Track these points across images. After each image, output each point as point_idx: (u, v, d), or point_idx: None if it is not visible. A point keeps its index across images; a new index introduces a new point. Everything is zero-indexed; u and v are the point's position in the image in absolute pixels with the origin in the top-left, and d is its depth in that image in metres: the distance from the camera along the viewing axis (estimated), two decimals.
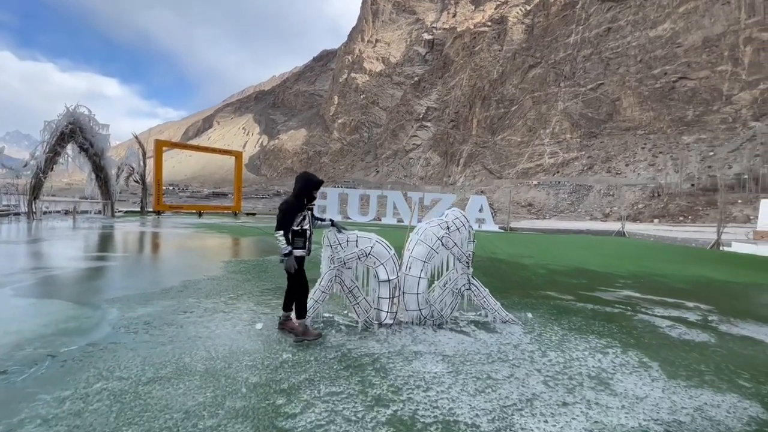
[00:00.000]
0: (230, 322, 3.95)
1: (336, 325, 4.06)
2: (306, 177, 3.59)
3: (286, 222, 3.43)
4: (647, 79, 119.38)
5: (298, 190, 3.54)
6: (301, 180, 3.57)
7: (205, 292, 5.15)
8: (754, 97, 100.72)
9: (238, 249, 10.40)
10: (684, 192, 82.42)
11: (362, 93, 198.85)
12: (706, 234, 27.69)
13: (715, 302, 6.11)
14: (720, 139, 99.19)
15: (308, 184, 3.56)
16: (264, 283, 5.90)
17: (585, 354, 3.56)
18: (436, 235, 4.15)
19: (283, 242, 3.38)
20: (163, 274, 6.34)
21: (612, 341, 3.96)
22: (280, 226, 3.41)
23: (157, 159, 22.74)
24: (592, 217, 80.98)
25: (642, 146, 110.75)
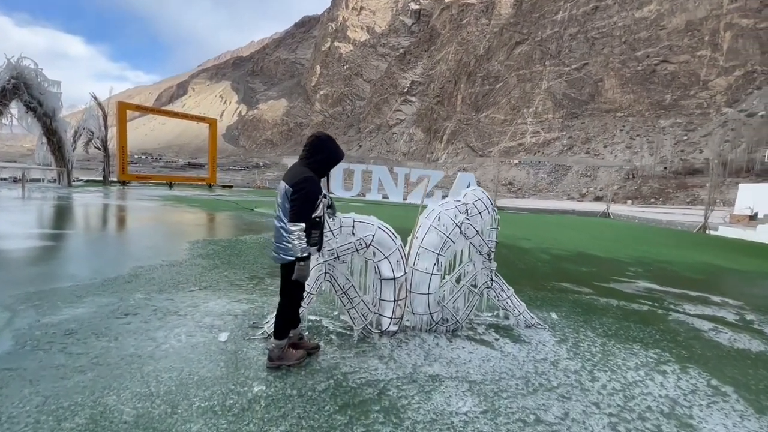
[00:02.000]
0: (185, 331, 3.01)
1: (325, 332, 3.18)
2: (333, 145, 2.53)
3: (309, 209, 2.39)
4: (630, 61, 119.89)
5: (320, 161, 2.49)
6: (326, 147, 2.50)
7: (160, 284, 4.15)
8: (729, 83, 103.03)
9: (209, 227, 9.28)
10: (657, 175, 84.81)
11: (345, 63, 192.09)
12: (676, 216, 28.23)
13: (739, 295, 5.59)
14: (694, 124, 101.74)
15: (335, 154, 2.54)
16: (235, 271, 4.92)
17: (641, 374, 2.83)
18: (453, 221, 3.27)
19: (301, 241, 2.33)
20: (112, 259, 5.26)
21: (662, 353, 3.26)
22: (300, 215, 2.33)
23: (120, 124, 20.65)
24: (569, 197, 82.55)
25: (620, 128, 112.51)
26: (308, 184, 2.37)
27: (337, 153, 2.54)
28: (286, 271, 2.48)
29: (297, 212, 2.33)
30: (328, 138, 2.53)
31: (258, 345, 2.84)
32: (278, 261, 2.48)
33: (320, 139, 2.50)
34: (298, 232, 2.31)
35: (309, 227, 2.37)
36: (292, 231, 2.31)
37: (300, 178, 2.37)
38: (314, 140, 2.50)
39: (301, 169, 2.45)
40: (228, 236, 7.60)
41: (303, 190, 2.35)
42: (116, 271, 4.55)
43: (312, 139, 2.51)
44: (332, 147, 2.52)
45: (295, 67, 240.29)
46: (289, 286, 2.50)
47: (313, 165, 2.48)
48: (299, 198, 2.34)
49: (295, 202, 2.34)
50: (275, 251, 2.48)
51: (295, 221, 2.32)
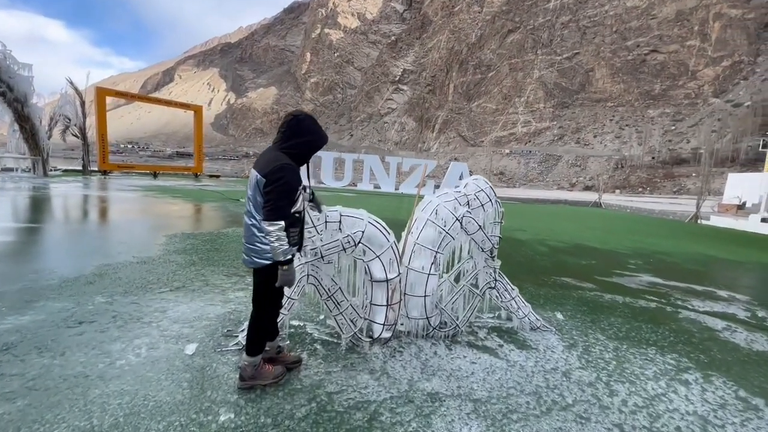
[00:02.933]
0: (147, 342, 2.62)
1: (309, 340, 2.81)
2: (314, 126, 2.10)
3: (288, 203, 1.98)
4: (621, 50, 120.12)
5: (299, 145, 2.06)
6: (307, 129, 2.07)
7: (126, 285, 3.73)
8: (717, 73, 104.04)
9: (190, 219, 8.80)
10: (645, 164, 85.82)
11: (336, 51, 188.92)
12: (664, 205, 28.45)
13: (744, 289, 5.38)
14: (682, 114, 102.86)
15: (318, 138, 2.11)
16: (213, 268, 4.52)
17: (662, 386, 2.53)
18: (453, 214, 2.91)
19: (282, 243, 1.91)
20: (77, 255, 4.80)
21: (679, 359, 2.98)
22: (278, 211, 1.91)
23: (99, 110, 19.70)
24: (559, 187, 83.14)
25: (610, 118, 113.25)
26: (285, 173, 1.94)
27: (320, 136, 2.11)
28: (260, 276, 2.10)
29: (273, 208, 1.91)
30: (309, 118, 2.10)
31: (230, 359, 2.47)
32: (250, 265, 2.08)
33: (299, 119, 2.06)
34: (276, 233, 1.90)
35: (287, 225, 1.97)
36: (270, 232, 1.90)
37: (275, 166, 1.95)
38: (292, 120, 2.06)
39: (275, 155, 2.02)
40: (209, 229, 7.15)
41: (279, 181, 1.92)
42: (78, 269, 4.10)
43: (289, 119, 2.07)
44: (314, 128, 2.09)
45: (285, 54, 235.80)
46: (264, 293, 2.12)
47: (290, 150, 2.05)
48: (275, 190, 1.92)
49: (269, 196, 1.92)
50: (246, 253, 2.08)
51: (271, 219, 1.90)
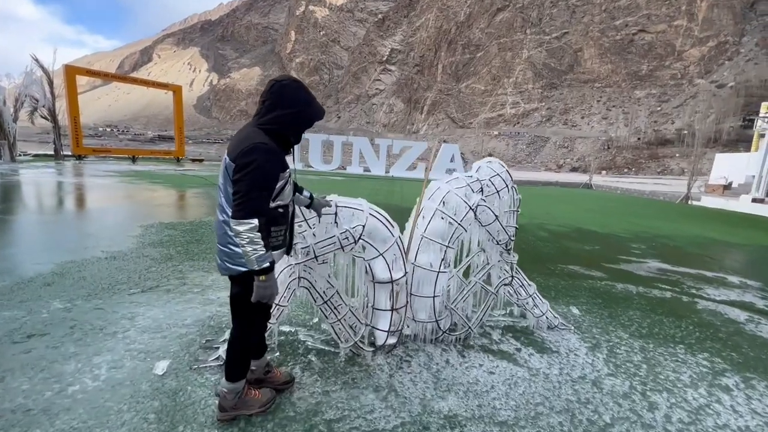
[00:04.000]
0: (110, 360, 2.20)
1: (302, 351, 2.44)
2: (305, 95, 1.62)
3: (264, 195, 1.53)
4: (609, 30, 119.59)
5: (283, 119, 1.58)
6: (294, 97, 1.59)
7: (90, 286, 3.27)
8: (702, 54, 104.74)
9: (169, 207, 8.24)
10: (630, 145, 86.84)
11: (322, 29, 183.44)
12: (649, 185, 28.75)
13: (754, 275, 5.20)
14: (668, 95, 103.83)
15: (308, 111, 1.63)
16: (193, 263, 4.07)
17: (703, 394, 2.25)
18: (465, 202, 2.52)
19: (255, 246, 1.47)
20: (37, 250, 4.29)
21: (712, 359, 2.71)
22: (250, 206, 1.46)
23: (70, 90, 18.44)
24: (546, 168, 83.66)
25: (598, 99, 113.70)
26: (258, 155, 1.48)
27: (311, 107, 1.64)
28: (238, 286, 1.69)
29: (243, 202, 1.46)
30: (296, 83, 1.62)
31: (209, 378, 2.08)
32: (224, 272, 1.67)
33: (282, 84, 1.58)
34: (247, 234, 1.45)
35: (266, 222, 1.54)
36: (239, 232, 1.46)
37: (245, 147, 1.49)
38: (274, 86, 1.58)
39: (249, 132, 1.56)
40: (190, 218, 6.65)
41: (249, 166, 1.46)
42: (36, 269, 3.62)
43: (272, 86, 1.59)
44: (302, 98, 1.61)
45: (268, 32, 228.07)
46: (244, 306, 1.71)
47: (270, 125, 1.58)
48: (245, 179, 1.47)
49: (238, 186, 1.48)
50: (219, 256, 1.67)
51: (241, 217, 1.45)
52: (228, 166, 1.54)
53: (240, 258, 1.59)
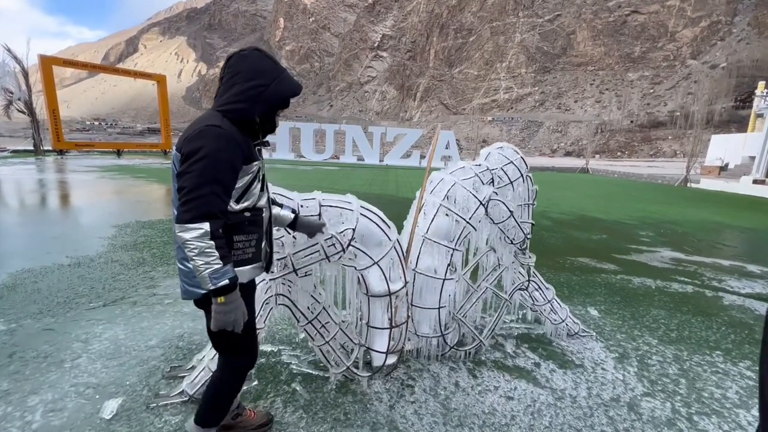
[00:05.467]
0: (49, 398, 1.81)
1: (285, 378, 2.06)
2: (270, 65, 1.23)
3: (218, 192, 1.11)
4: (602, 11, 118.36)
5: (244, 94, 1.18)
6: (254, 69, 1.20)
7: (44, 300, 2.86)
8: (695, 34, 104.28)
9: (149, 204, 7.77)
10: (623, 129, 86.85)
11: (311, 15, 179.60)
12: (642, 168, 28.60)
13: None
14: (660, 77, 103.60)
15: (274, 82, 1.22)
16: (167, 267, 3.66)
17: (756, 415, 1.91)
18: (475, 197, 2.13)
19: (208, 257, 1.08)
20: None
21: (754, 366, 2.38)
22: (199, 206, 1.07)
23: (47, 82, 17.57)
24: (540, 153, 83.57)
25: (591, 82, 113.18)
26: (206, 141, 1.10)
27: (282, 80, 1.24)
28: (207, 313, 1.30)
29: (189, 200, 1.08)
30: (261, 53, 1.23)
31: (169, 421, 1.70)
32: (184, 296, 1.30)
33: (244, 55, 1.21)
34: (196, 242, 1.06)
35: (226, 229, 1.16)
36: (186, 241, 1.07)
37: (192, 132, 1.13)
38: (232, 59, 1.21)
39: (203, 116, 1.18)
40: (171, 215, 6.18)
41: (197, 154, 1.09)
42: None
43: (229, 58, 1.22)
44: (271, 68, 1.22)
45: (257, 20, 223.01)
46: (220, 341, 1.35)
47: (231, 105, 1.19)
48: (191, 170, 1.09)
49: (184, 180, 1.09)
50: (180, 279, 1.29)
51: (186, 220, 1.07)
52: (175, 157, 1.17)
53: (195, 277, 1.20)
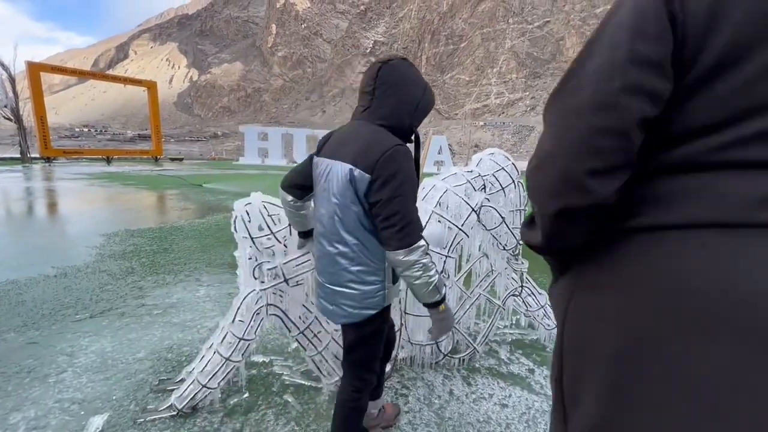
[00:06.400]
0: (31, 415, 1.76)
1: (277, 390, 2.02)
2: (421, 77, 1.23)
3: (415, 206, 1.14)
4: (590, 18, 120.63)
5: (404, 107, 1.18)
6: (413, 80, 1.19)
7: (28, 313, 2.79)
8: None
9: (139, 211, 7.67)
10: None
11: (303, 22, 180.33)
12: None
13: None
14: None
15: (429, 95, 1.23)
16: (157, 277, 3.60)
17: None
18: (467, 203, 2.13)
19: (432, 270, 1.12)
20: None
21: None
22: (417, 224, 1.11)
23: (34, 89, 17.34)
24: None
25: None
26: (402, 160, 1.10)
27: (429, 90, 1.24)
28: (362, 331, 1.29)
29: (409, 223, 1.08)
30: (409, 63, 1.21)
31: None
32: (343, 320, 1.27)
33: (394, 66, 1.17)
34: (422, 260, 1.10)
35: None
36: (414, 263, 1.09)
37: (386, 153, 1.08)
38: (384, 71, 1.16)
39: (372, 133, 1.15)
40: (161, 223, 6.12)
41: (399, 176, 1.08)
42: None
43: (379, 69, 1.16)
44: (421, 79, 1.22)
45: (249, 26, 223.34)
46: (372, 356, 1.37)
47: (392, 119, 1.17)
48: (400, 193, 1.08)
49: (395, 204, 1.08)
50: (330, 301, 1.27)
51: (410, 243, 1.08)
52: (356, 179, 1.11)
53: (369, 298, 1.21)
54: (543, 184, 0.61)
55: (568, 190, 0.57)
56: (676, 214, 0.53)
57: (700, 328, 0.49)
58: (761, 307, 0.46)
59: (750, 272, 0.47)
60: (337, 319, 1.28)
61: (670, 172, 0.55)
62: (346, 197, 1.14)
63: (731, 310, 0.47)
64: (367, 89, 1.19)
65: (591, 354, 0.61)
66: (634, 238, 0.57)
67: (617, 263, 0.58)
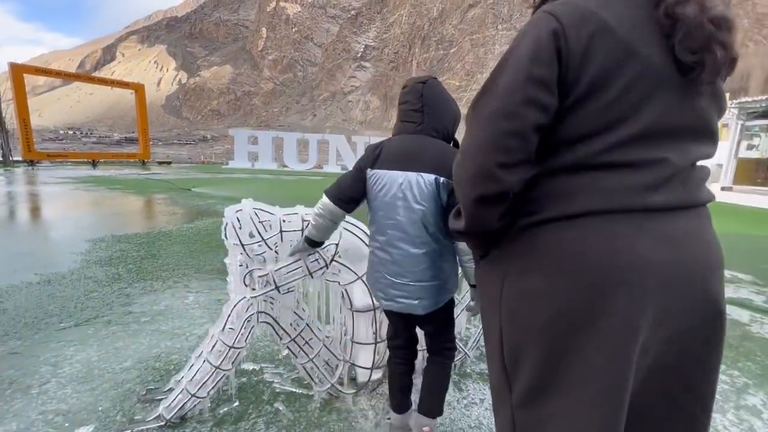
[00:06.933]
0: (10, 429, 1.71)
1: (267, 398, 2.00)
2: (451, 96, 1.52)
3: None
4: None
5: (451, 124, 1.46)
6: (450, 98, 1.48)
7: (10, 322, 2.71)
8: None
9: (125, 216, 7.55)
10: None
11: (294, 26, 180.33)
12: None
13: (742, 266, 5.09)
14: None
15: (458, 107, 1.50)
16: (143, 284, 3.54)
17: (732, 419, 1.97)
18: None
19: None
20: None
21: (729, 371, 2.46)
22: None
23: (17, 91, 16.96)
24: None
25: None
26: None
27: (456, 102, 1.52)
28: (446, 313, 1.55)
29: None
30: (440, 82, 1.47)
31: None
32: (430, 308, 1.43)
33: (433, 85, 1.41)
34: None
35: None
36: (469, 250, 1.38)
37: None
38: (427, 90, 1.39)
39: (437, 144, 1.39)
40: (148, 228, 6.03)
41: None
42: None
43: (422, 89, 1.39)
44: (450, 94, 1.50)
45: (239, 29, 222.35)
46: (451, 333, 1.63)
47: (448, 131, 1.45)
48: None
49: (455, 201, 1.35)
50: (419, 296, 1.40)
51: None
52: (441, 185, 1.33)
53: (448, 285, 1.44)
54: (464, 176, 0.76)
55: (484, 180, 0.72)
56: (575, 206, 0.71)
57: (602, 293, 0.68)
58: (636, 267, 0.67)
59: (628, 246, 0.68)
60: (422, 310, 1.42)
61: (568, 171, 0.73)
62: (431, 203, 1.33)
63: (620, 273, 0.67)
64: (416, 107, 1.39)
65: (526, 329, 0.76)
66: (548, 227, 0.74)
67: (538, 250, 0.74)
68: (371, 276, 1.53)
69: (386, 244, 1.41)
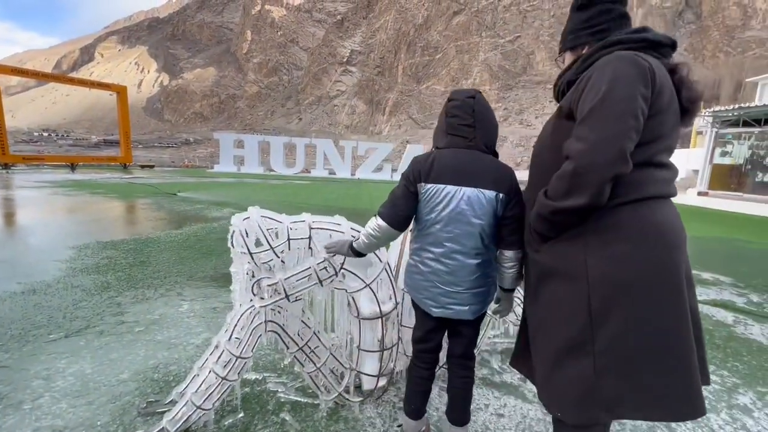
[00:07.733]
0: None
1: (272, 407, 1.97)
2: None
3: None
4: (558, 34, 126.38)
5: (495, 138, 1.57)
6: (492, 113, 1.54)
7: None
8: None
9: (110, 222, 7.33)
10: None
11: (279, 29, 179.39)
12: None
13: (722, 268, 5.29)
14: None
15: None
16: (134, 292, 3.45)
17: (725, 418, 2.04)
18: None
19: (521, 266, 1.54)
20: None
21: (719, 371, 2.55)
22: None
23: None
24: None
25: (550, 100, 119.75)
26: None
27: None
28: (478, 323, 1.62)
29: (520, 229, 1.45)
30: (482, 95, 1.53)
31: None
32: (475, 314, 1.52)
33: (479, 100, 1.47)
34: None
35: None
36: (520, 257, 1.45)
37: (513, 175, 1.45)
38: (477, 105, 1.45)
39: (493, 161, 1.47)
40: (135, 234, 5.87)
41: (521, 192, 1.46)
42: None
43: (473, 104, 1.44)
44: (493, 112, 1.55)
45: (223, 31, 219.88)
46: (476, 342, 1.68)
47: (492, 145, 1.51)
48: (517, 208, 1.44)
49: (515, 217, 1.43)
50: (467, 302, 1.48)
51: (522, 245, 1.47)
52: (500, 201, 1.41)
53: (492, 291, 1.55)
54: (602, 159, 0.99)
55: (622, 162, 0.99)
56: (644, 191, 1.07)
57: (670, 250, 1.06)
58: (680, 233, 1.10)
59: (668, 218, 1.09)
60: (472, 315, 1.50)
61: (638, 165, 1.04)
62: (489, 216, 1.40)
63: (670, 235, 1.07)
64: (467, 122, 1.43)
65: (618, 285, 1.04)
66: (626, 207, 1.07)
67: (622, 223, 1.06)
68: (417, 284, 1.53)
69: (442, 256, 1.44)
